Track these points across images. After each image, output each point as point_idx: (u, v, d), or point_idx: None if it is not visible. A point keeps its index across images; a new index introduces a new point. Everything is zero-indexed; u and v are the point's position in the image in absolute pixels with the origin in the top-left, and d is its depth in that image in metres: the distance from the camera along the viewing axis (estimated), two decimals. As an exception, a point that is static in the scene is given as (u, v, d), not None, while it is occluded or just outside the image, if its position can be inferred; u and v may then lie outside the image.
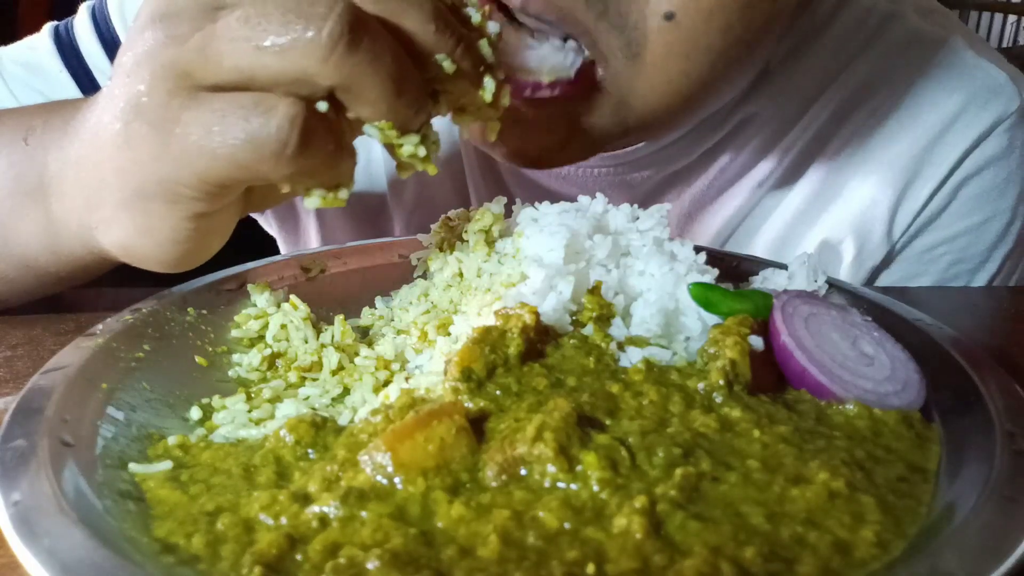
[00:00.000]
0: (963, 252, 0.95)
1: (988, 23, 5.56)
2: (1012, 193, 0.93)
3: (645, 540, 0.40)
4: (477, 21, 0.63)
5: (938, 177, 0.91)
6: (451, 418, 0.46)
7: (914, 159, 0.91)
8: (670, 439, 0.46)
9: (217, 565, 0.41)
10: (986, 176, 0.91)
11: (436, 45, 0.57)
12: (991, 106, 0.90)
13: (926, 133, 0.90)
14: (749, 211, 0.96)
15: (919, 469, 0.48)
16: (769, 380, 0.55)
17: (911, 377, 0.55)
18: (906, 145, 0.91)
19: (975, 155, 0.90)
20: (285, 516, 0.44)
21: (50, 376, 0.54)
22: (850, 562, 0.40)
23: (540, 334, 0.56)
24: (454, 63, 0.58)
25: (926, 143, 0.90)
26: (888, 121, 0.91)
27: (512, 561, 0.39)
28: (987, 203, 0.93)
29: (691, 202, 0.96)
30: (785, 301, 0.58)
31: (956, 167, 0.91)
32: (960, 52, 0.92)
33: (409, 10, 0.55)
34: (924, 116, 0.91)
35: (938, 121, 0.90)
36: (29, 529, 0.40)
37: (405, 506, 0.43)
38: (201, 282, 0.70)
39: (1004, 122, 0.90)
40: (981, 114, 0.90)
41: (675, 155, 0.93)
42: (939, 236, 0.94)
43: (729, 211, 0.96)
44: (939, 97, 0.90)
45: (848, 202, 0.94)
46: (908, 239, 0.95)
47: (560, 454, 0.44)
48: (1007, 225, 0.94)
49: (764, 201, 0.96)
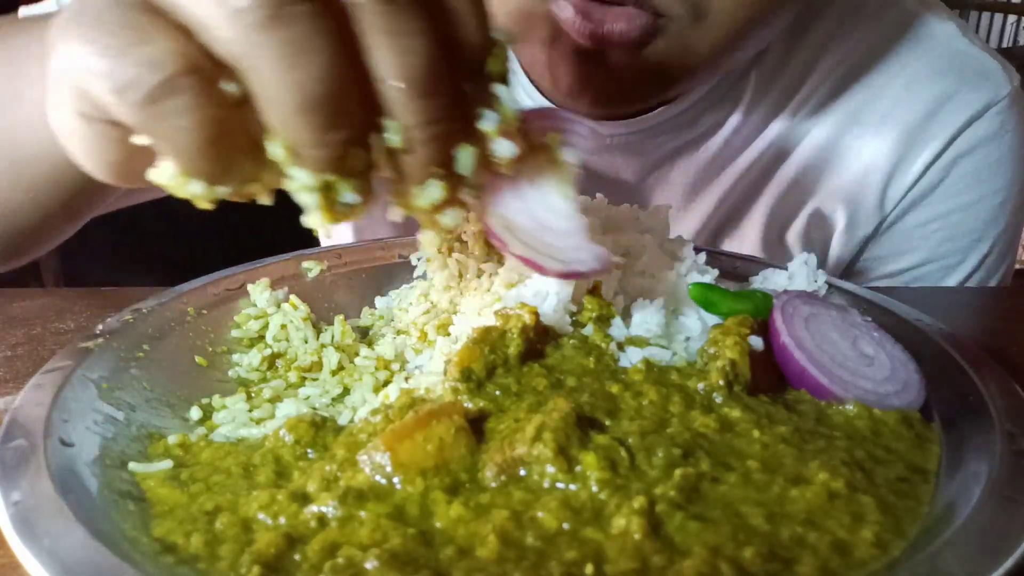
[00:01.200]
0: (955, 229, 0.97)
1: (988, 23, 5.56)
2: (1005, 174, 0.96)
3: (644, 540, 0.40)
4: (490, 128, 0.47)
5: (931, 153, 0.94)
6: (450, 418, 0.46)
7: (907, 134, 0.94)
8: (670, 439, 0.46)
9: (216, 565, 0.41)
10: (978, 156, 0.94)
11: (399, 106, 0.43)
12: (983, 89, 0.93)
13: (920, 111, 0.93)
14: (746, 184, 0.99)
15: (919, 469, 0.48)
16: (769, 380, 0.55)
17: (911, 377, 0.55)
18: (900, 121, 0.94)
19: (967, 134, 0.93)
20: (284, 516, 0.44)
21: (50, 376, 0.54)
22: (849, 562, 0.40)
23: (540, 334, 0.56)
24: (406, 144, 0.44)
25: (920, 120, 0.93)
26: (882, 97, 0.94)
27: (511, 561, 0.39)
28: (980, 182, 0.95)
29: (696, 172, 0.99)
30: (785, 301, 0.58)
31: (949, 144, 0.94)
32: (955, 38, 0.95)
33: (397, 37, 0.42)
34: (918, 94, 0.94)
35: (931, 100, 0.93)
36: (29, 529, 0.40)
37: (404, 506, 0.43)
38: (201, 282, 0.70)
39: (995, 105, 0.93)
40: (973, 96, 0.93)
41: (687, 123, 0.95)
42: (932, 212, 0.97)
43: (731, 180, 0.99)
44: (933, 78, 0.94)
45: (841, 173, 0.96)
46: (901, 212, 0.97)
47: (559, 454, 0.44)
48: (1000, 205, 0.97)
49: (760, 173, 0.99)
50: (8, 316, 0.77)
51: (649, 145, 0.97)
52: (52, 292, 0.82)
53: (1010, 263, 1.03)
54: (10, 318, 0.76)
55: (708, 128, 0.96)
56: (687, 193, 1.00)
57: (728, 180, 0.99)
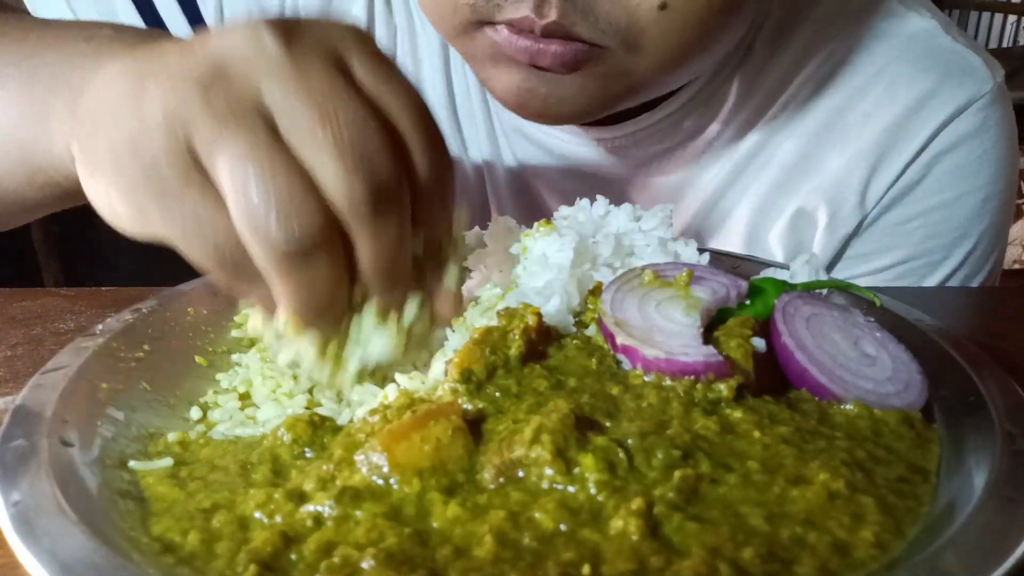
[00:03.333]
0: (938, 226, 0.97)
1: (988, 23, 5.56)
2: (987, 170, 0.95)
3: (642, 542, 0.40)
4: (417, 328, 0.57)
5: (912, 150, 0.94)
6: (448, 418, 0.46)
7: (888, 132, 0.94)
8: (669, 441, 0.46)
9: (213, 562, 0.41)
10: (960, 152, 0.94)
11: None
12: (965, 85, 0.93)
13: (901, 109, 0.93)
14: (730, 184, 0.99)
15: (919, 469, 0.48)
16: (772, 381, 0.55)
17: (913, 378, 0.55)
18: (881, 120, 0.94)
19: (948, 131, 0.93)
20: (280, 514, 0.44)
21: (50, 376, 0.54)
22: (849, 563, 0.40)
23: (542, 335, 0.56)
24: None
25: (900, 118, 0.93)
26: (865, 97, 0.95)
27: (507, 561, 0.39)
28: (962, 179, 0.95)
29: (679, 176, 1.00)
30: (786, 302, 0.58)
31: (930, 141, 0.93)
32: (937, 36, 0.95)
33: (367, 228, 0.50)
34: (899, 93, 0.94)
35: (913, 98, 0.93)
36: (29, 529, 0.40)
37: (400, 507, 0.43)
38: (201, 282, 0.69)
39: (978, 101, 0.93)
40: (955, 92, 0.93)
41: (670, 127, 0.96)
42: (913, 209, 0.97)
43: (714, 184, 0.99)
44: (915, 76, 0.94)
45: (823, 172, 0.97)
46: (881, 211, 0.97)
47: (558, 457, 0.44)
48: (983, 201, 0.96)
49: (744, 174, 0.99)
50: (8, 316, 0.77)
51: (633, 149, 0.97)
52: (52, 292, 0.82)
53: (997, 259, 1.03)
54: (10, 318, 0.76)
55: (692, 132, 0.97)
56: (671, 196, 1.00)
57: (712, 183, 0.99)
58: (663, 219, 0.68)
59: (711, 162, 0.98)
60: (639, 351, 0.52)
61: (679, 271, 0.59)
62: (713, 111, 0.96)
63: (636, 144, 0.97)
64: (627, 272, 0.60)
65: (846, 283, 0.67)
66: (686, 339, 0.53)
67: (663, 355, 0.51)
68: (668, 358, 0.51)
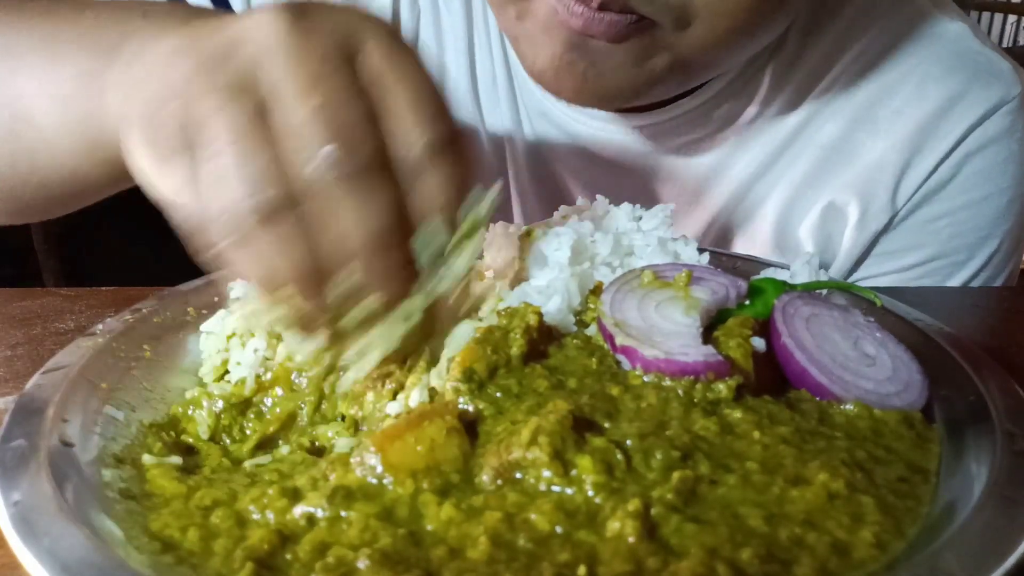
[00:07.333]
0: (964, 225, 0.99)
1: (988, 23, 5.56)
2: (1013, 172, 0.97)
3: (638, 543, 0.39)
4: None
5: (943, 149, 0.95)
6: (442, 419, 0.46)
7: (920, 131, 0.95)
8: (668, 442, 0.46)
9: (210, 561, 0.41)
10: (988, 154, 0.95)
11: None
12: (994, 88, 0.94)
13: (931, 108, 0.95)
14: (761, 175, 1.00)
15: (919, 469, 0.48)
16: (772, 381, 0.55)
17: (913, 378, 0.55)
18: (912, 118, 0.95)
19: (978, 132, 0.94)
20: (272, 511, 0.44)
21: (50, 376, 0.54)
22: (849, 563, 0.40)
23: (543, 335, 0.56)
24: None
25: (932, 116, 0.95)
26: (896, 95, 0.96)
27: (502, 562, 0.39)
28: (989, 180, 0.97)
29: (710, 166, 1.01)
30: (786, 302, 0.58)
31: (960, 142, 0.95)
32: (966, 38, 0.97)
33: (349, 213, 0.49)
34: (930, 92, 0.95)
35: (943, 98, 0.94)
36: (29, 529, 0.40)
37: (393, 507, 0.43)
38: (201, 282, 0.69)
39: (1007, 105, 0.94)
40: (985, 94, 0.94)
41: (703, 115, 0.97)
42: (942, 208, 0.98)
43: (746, 174, 1.00)
44: (945, 76, 0.95)
45: (855, 167, 0.98)
46: (912, 208, 0.98)
47: (555, 458, 0.44)
48: (1008, 203, 0.98)
49: (777, 163, 1.00)
50: (8, 316, 0.77)
51: (667, 137, 0.98)
52: (52, 292, 0.82)
53: (1017, 261, 1.04)
54: (10, 318, 0.76)
55: (724, 121, 0.98)
56: (698, 185, 1.01)
57: (743, 172, 1.00)
58: (663, 219, 0.68)
59: (743, 151, 1.00)
60: (639, 351, 0.52)
61: (679, 271, 0.59)
62: (745, 102, 0.97)
63: (671, 131, 0.98)
64: (627, 273, 0.60)
65: (846, 283, 0.67)
66: (685, 339, 0.53)
67: (662, 355, 0.52)
68: (667, 358, 0.51)
